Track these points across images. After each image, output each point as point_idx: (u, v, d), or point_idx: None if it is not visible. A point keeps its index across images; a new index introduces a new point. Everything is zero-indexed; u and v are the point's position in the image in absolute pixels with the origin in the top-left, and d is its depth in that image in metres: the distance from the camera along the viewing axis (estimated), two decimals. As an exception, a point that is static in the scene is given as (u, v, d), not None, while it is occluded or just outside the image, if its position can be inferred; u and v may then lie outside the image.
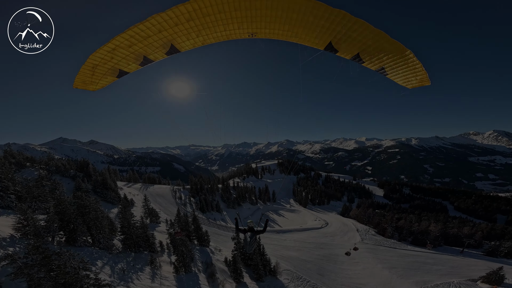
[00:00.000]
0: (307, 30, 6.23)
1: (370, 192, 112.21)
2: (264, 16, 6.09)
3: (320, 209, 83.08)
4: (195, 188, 63.18)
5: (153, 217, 32.23)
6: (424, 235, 47.12)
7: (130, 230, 18.88)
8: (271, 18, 6.12)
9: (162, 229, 30.26)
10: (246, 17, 6.23)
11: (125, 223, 19.01)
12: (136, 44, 6.39)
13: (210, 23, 6.34)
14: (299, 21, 6.01)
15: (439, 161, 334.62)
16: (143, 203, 32.42)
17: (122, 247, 19.33)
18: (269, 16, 6.06)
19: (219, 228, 44.65)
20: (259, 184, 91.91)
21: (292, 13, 5.81)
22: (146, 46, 6.56)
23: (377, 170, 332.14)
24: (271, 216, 66.90)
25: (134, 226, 19.43)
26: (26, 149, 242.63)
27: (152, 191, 52.66)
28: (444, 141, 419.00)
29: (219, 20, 6.29)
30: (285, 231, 48.16)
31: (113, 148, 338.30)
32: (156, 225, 31.45)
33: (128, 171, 66.98)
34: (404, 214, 66.27)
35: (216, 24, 6.42)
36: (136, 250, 19.52)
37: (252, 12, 6.02)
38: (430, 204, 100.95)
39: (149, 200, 32.62)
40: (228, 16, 6.19)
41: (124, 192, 43.05)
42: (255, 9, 5.92)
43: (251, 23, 6.40)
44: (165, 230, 29.99)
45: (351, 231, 51.54)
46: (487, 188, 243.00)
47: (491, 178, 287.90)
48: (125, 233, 18.91)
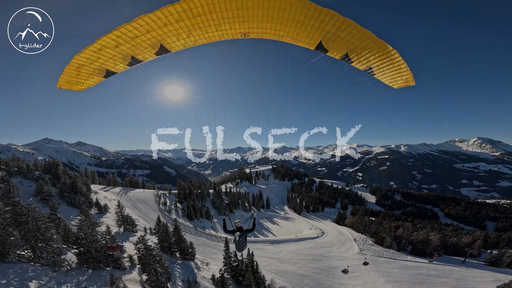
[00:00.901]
0: (298, 29, 6.28)
1: (363, 199, 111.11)
2: (256, 15, 6.01)
3: (314, 216, 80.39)
4: (182, 193, 58.84)
5: (128, 225, 28.57)
6: (424, 244, 44.79)
7: (88, 243, 15.12)
8: (263, 17, 6.06)
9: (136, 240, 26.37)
10: (238, 17, 6.11)
11: (80, 234, 15.28)
12: (123, 44, 6.21)
13: (201, 23, 6.19)
14: (290, 21, 6.03)
15: (427, 167, 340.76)
16: (118, 208, 28.55)
17: (77, 263, 15.57)
18: (260, 15, 6.00)
19: (207, 237, 40.76)
20: (253, 190, 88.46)
21: (283, 13, 5.82)
22: (134, 47, 6.38)
23: (367, 176, 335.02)
24: (265, 224, 63.40)
25: (94, 238, 15.68)
26: (8, 149, 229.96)
27: (132, 195, 48.09)
28: (432, 148, 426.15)
29: (210, 20, 6.14)
30: (280, 241, 44.85)
31: (101, 150, 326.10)
32: (131, 235, 28.12)
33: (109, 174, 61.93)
34: (400, 222, 64.37)
35: (207, 25, 6.28)
36: (96, 266, 15.77)
37: (244, 11, 5.92)
38: (421, 211, 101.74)
39: (123, 206, 28.75)
40: (220, 16, 6.05)
41: (99, 197, 38.66)
42: (247, 8, 5.82)
43: (243, 23, 6.28)
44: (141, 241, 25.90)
45: (348, 240, 48.80)
46: (471, 194, 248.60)
47: (476, 185, 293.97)
48: (82, 246, 15.18)
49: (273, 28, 6.45)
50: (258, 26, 6.43)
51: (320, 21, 5.86)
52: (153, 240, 27.26)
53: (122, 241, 26.03)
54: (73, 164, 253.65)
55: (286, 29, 6.40)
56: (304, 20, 5.90)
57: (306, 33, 6.37)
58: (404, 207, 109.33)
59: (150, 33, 6.10)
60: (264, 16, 6.01)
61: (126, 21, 5.86)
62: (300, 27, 6.17)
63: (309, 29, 6.15)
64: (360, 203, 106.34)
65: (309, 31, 6.24)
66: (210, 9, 5.82)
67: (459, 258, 46.42)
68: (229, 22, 6.28)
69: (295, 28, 6.27)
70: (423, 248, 45.19)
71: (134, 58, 6.75)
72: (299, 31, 6.36)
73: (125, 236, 27.82)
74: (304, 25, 6.07)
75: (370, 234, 54.05)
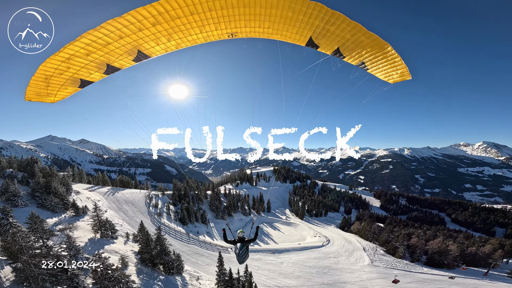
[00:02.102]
0: (287, 26, 6.06)
1: (367, 203, 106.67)
2: (243, 14, 5.63)
3: (318, 221, 75.92)
4: (177, 194, 54.51)
5: (106, 231, 25.11)
6: (442, 255, 40.06)
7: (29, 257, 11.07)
8: (250, 15, 5.72)
9: (115, 248, 22.25)
10: (223, 17, 5.70)
11: (14, 247, 11.23)
12: (95, 52, 5.71)
13: (182, 25, 5.71)
14: (278, 17, 5.76)
15: (430, 171, 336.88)
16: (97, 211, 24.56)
17: (13, 280, 12.95)
18: (247, 14, 5.64)
19: (201, 245, 36.39)
20: (253, 192, 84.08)
21: (270, 9, 5.50)
22: (108, 54, 5.92)
23: (369, 179, 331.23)
24: (265, 229, 59.07)
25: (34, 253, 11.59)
26: (11, 146, 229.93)
27: (120, 196, 43.86)
28: (436, 151, 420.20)
29: (192, 22, 5.68)
30: (281, 250, 40.42)
31: (104, 148, 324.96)
32: (108, 242, 24.49)
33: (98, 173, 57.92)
34: (412, 229, 59.54)
35: (189, 27, 5.84)
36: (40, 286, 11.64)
37: (229, 11, 5.50)
38: (427, 216, 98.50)
39: (101, 209, 24.80)
40: (203, 17, 5.59)
41: (81, 197, 34.76)
42: (232, 7, 5.38)
43: (229, 22, 5.91)
44: (119, 250, 21.79)
45: (357, 250, 44.22)
46: (475, 199, 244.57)
47: (479, 189, 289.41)
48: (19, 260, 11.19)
49: (261, 26, 6.15)
50: (245, 25, 6.08)
51: (309, 16, 5.59)
52: (134, 249, 23.08)
53: (95, 250, 21.79)
54: (75, 161, 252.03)
55: (275, 26, 6.13)
56: (293, 15, 5.63)
57: (295, 29, 6.16)
58: (409, 212, 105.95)
59: (124, 39, 5.59)
60: (251, 14, 5.63)
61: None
62: (289, 23, 5.94)
63: (299, 24, 5.92)
64: (364, 207, 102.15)
65: (299, 27, 6.02)
66: (191, 10, 5.28)
67: (479, 269, 41.73)
68: (213, 22, 5.83)
69: (284, 25, 6.02)
70: (440, 259, 40.43)
71: (110, 66, 6.32)
72: (288, 28, 6.13)
73: (100, 244, 23.80)
74: (293, 21, 5.84)
75: (380, 242, 49.45)
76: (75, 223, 27.03)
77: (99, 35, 5.25)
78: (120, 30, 5.29)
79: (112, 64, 6.22)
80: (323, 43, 6.38)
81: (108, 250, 23.14)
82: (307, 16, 5.56)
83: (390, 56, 6.14)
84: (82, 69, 6.04)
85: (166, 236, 35.04)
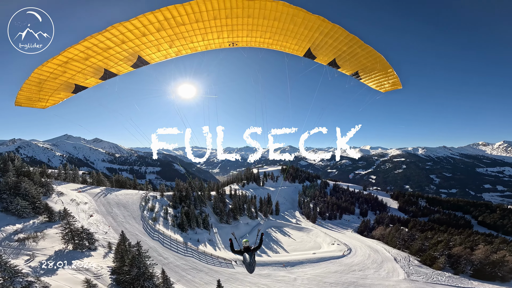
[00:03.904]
0: (287, 37, 6.16)
1: (384, 205, 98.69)
2: (246, 24, 5.64)
3: (332, 225, 69.10)
4: (178, 195, 49.19)
5: (80, 241, 20.94)
6: (496, 266, 32.88)
7: None
8: (253, 26, 5.75)
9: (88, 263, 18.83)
10: (226, 26, 5.68)
11: None
12: (94, 56, 5.59)
13: (185, 32, 5.68)
14: (280, 29, 5.85)
15: (446, 171, 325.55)
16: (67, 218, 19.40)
17: None
18: (250, 24, 5.66)
19: (200, 258, 30.78)
20: (261, 192, 78.33)
21: (273, 21, 5.55)
22: (107, 59, 5.78)
23: (381, 179, 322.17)
24: (274, 235, 52.99)
25: None
26: (29, 145, 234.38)
27: (112, 198, 38.87)
28: (452, 151, 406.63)
29: (196, 29, 5.65)
30: (294, 263, 34.30)
31: (116, 146, 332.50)
32: (82, 255, 20.26)
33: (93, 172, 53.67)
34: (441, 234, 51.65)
35: (192, 34, 5.80)
36: None
37: (233, 20, 5.51)
38: (451, 218, 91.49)
39: (71, 216, 20.22)
40: (207, 25, 5.56)
41: (63, 200, 30.02)
42: (236, 17, 5.42)
43: (231, 31, 5.94)
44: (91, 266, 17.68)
45: (386, 261, 37.48)
46: (494, 199, 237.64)
47: (500, 190, 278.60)
48: None
49: (262, 37, 6.17)
50: (247, 35, 6.09)
51: (310, 28, 5.66)
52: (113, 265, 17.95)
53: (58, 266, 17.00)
54: (89, 160, 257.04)
55: (276, 37, 6.18)
56: (294, 28, 5.71)
57: (295, 41, 6.23)
58: (430, 213, 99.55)
59: (126, 43, 5.49)
60: (254, 24, 5.64)
61: (126, 18, 5.55)
62: (289, 35, 6.00)
63: (299, 36, 6.01)
64: (381, 209, 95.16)
65: (299, 38, 6.09)
66: (196, 18, 5.24)
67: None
68: (217, 31, 5.81)
69: (284, 36, 6.08)
70: (492, 271, 33.07)
71: (108, 72, 6.19)
72: (288, 39, 6.19)
73: (69, 258, 19.22)
74: (294, 33, 5.91)
75: (412, 251, 42.24)
76: (44, 231, 22.10)
77: (102, 39, 5.16)
78: (124, 35, 5.23)
79: (109, 70, 6.17)
80: (320, 54, 6.57)
81: (76, 266, 18.66)
82: (308, 29, 5.67)
83: (383, 67, 6.48)
84: (78, 74, 5.95)
85: (159, 247, 29.69)
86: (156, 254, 27.87)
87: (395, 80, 6.71)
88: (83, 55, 5.31)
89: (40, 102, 6.13)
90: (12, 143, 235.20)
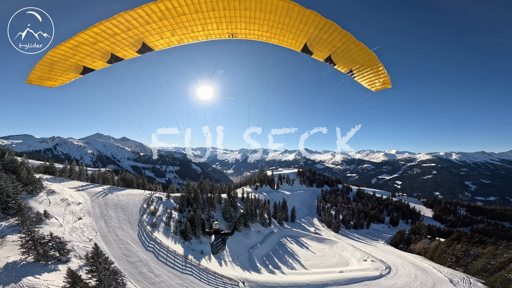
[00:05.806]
0: (284, 31, 6.37)
1: (417, 213, 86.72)
2: (244, 16, 5.99)
3: (358, 235, 60.42)
4: (186, 197, 44.59)
5: (46, 251, 17.42)
6: None
7: None
8: (250, 19, 6.09)
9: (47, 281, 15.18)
10: (224, 17, 6.01)
11: None
12: (102, 41, 6.11)
13: (186, 22, 6.08)
14: (276, 22, 6.09)
15: (485, 178, 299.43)
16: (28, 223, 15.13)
17: None
18: (248, 17, 6.01)
19: (201, 276, 25.37)
20: (275, 196, 71.99)
21: (269, 14, 5.84)
22: (114, 44, 6.31)
23: (407, 185, 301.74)
24: (289, 246, 46.11)
25: None
26: (65, 143, 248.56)
27: (111, 198, 35.08)
28: (492, 156, 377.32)
29: (196, 19, 6.02)
30: (316, 285, 26.95)
31: (141, 145, 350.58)
32: (44, 269, 16.57)
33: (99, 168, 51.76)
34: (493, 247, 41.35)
35: (193, 24, 6.16)
36: None
37: (231, 12, 5.82)
38: (500, 229, 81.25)
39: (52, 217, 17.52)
40: (206, 16, 5.92)
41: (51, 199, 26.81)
42: (233, 9, 5.72)
43: (230, 23, 6.23)
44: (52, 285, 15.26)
45: (439, 283, 29.56)
46: None
47: None
48: None
49: (260, 30, 6.42)
50: (245, 27, 6.38)
51: (304, 23, 5.83)
52: None
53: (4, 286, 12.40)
54: (115, 158, 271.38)
55: (273, 31, 6.44)
56: (290, 22, 5.90)
57: (292, 35, 6.41)
58: (472, 223, 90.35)
59: (131, 30, 5.98)
60: (251, 17, 5.97)
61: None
62: (286, 29, 6.20)
63: (295, 31, 6.21)
64: (414, 217, 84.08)
65: (295, 33, 6.29)
66: (195, 8, 5.61)
67: None
68: (216, 22, 6.14)
69: (281, 30, 6.31)
70: None
71: (114, 56, 6.65)
72: (285, 33, 6.40)
73: (21, 273, 15.01)
74: (290, 27, 6.10)
75: (472, 271, 33.31)
76: (7, 237, 18.71)
77: (109, 25, 5.61)
78: (129, 22, 5.65)
79: (116, 54, 6.58)
80: (317, 50, 6.71)
81: (23, 285, 13.41)
82: (303, 23, 5.81)
83: (375, 65, 6.55)
84: (87, 56, 6.40)
85: (152, 261, 24.78)
86: (146, 269, 23.07)
87: (385, 79, 6.76)
88: (92, 39, 5.90)
89: (49, 81, 6.73)
90: (52, 140, 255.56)
